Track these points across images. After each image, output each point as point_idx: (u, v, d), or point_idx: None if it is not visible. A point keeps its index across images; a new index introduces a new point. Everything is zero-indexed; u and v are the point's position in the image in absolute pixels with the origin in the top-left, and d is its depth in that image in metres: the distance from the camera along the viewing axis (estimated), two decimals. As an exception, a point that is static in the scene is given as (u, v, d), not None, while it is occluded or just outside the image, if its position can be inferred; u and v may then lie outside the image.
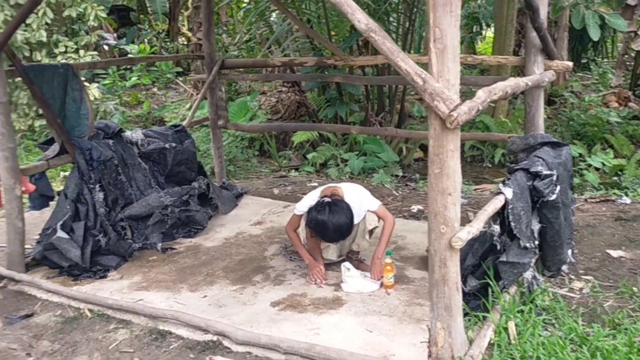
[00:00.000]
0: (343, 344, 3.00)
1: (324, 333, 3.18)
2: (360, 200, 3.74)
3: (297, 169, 7.18)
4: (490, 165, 7.81)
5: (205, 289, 3.80)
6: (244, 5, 11.13)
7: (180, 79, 10.59)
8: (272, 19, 9.11)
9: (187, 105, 8.73)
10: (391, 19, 7.69)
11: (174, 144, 5.04)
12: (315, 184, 6.41)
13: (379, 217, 3.77)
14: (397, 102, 7.94)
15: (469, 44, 13.19)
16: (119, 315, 3.49)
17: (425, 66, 2.52)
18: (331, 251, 3.93)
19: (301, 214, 3.86)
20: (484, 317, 3.10)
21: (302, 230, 3.93)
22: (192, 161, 5.22)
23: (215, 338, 3.18)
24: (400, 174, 6.82)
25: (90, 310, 3.57)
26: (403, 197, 5.82)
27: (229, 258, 4.31)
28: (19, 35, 7.01)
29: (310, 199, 3.80)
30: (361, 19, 2.47)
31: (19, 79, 4.83)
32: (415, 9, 7.41)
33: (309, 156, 7.15)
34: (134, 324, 3.41)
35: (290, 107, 8.62)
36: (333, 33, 7.51)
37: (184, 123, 5.47)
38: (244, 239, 4.68)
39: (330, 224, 3.48)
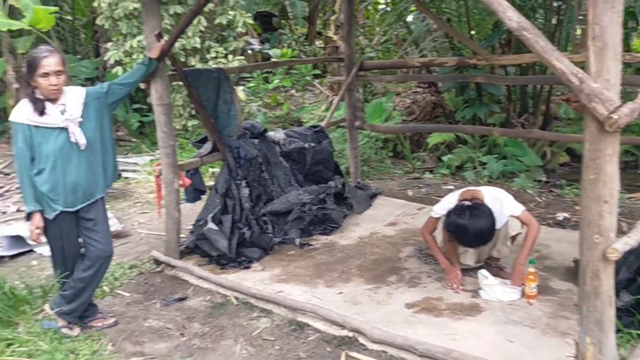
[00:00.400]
0: (481, 352, 2.92)
1: (460, 339, 3.11)
2: (502, 204, 3.60)
3: (431, 171, 7.08)
4: (646, 172, 7.09)
5: (340, 286, 3.89)
6: (381, 6, 11.20)
7: (317, 81, 10.92)
8: (409, 19, 9.07)
9: (323, 107, 8.98)
10: (537, 15, 7.28)
11: (313, 144, 5.23)
12: (451, 187, 6.27)
13: (523, 223, 3.60)
14: (542, 103, 7.50)
15: (623, 40, 12.10)
16: (261, 305, 3.70)
17: (577, 65, 2.37)
18: (469, 256, 3.83)
19: (438, 217, 3.80)
20: (638, 335, 2.85)
21: (439, 234, 3.87)
22: (329, 161, 5.37)
23: (351, 334, 3.25)
24: (544, 179, 6.43)
25: (236, 298, 3.82)
26: (547, 204, 5.50)
27: (363, 257, 4.37)
28: (177, 42, 7.67)
29: (448, 202, 3.74)
30: (513, 17, 2.37)
31: (177, 82, 5.30)
32: (564, 5, 6.95)
33: (445, 158, 7.01)
34: (274, 314, 3.59)
35: (425, 108, 8.51)
36: (473, 32, 7.30)
37: (322, 124, 5.64)
38: (378, 239, 4.72)
39: (471, 228, 3.39)
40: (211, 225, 4.32)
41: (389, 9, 9.02)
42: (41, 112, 3.10)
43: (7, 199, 6.54)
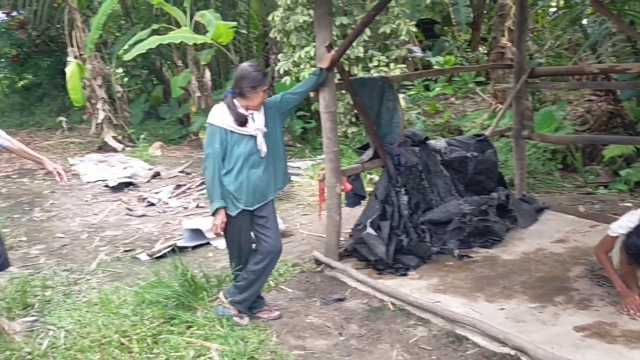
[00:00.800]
0: (666, 390, 2.62)
1: (640, 371, 2.82)
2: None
3: (606, 187, 6.48)
4: None
5: (502, 302, 3.73)
6: (552, 9, 10.54)
7: (480, 88, 10.58)
8: (584, 22, 8.42)
9: (485, 115, 8.67)
10: None
11: (475, 153, 5.08)
12: (629, 205, 5.70)
13: None
14: None
15: None
16: (418, 313, 3.69)
17: None
18: (652, 282, 3.45)
19: (616, 236, 3.49)
20: None
21: (616, 254, 3.55)
22: (493, 171, 5.19)
23: (513, 352, 3.12)
24: None
25: (393, 304, 3.85)
26: None
27: (527, 273, 4.15)
28: (342, 52, 7.95)
29: (628, 220, 3.41)
30: None
31: (340, 91, 5.48)
32: None
33: (622, 173, 6.38)
34: (432, 324, 3.56)
35: (600, 118, 7.81)
36: (663, 34, 6.55)
37: (487, 132, 5.46)
38: (544, 256, 4.45)
39: None
40: (370, 230, 4.41)
41: (561, 12, 8.45)
42: (242, 123, 3.49)
43: (189, 195, 7.28)
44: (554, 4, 11.61)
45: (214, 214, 3.52)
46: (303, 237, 5.45)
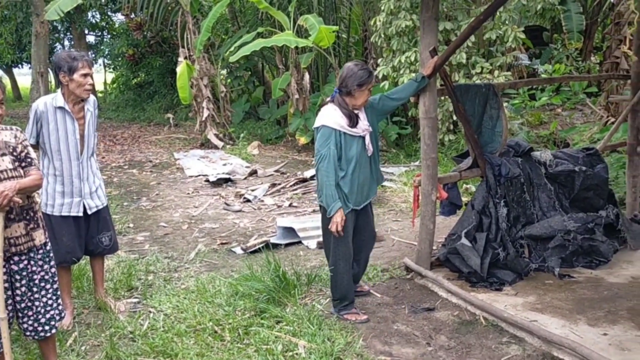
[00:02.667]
0: None
1: None
2: None
3: None
4: None
5: (605, 327, 3.49)
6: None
7: (590, 100, 9.97)
8: None
9: (595, 128, 8.15)
10: None
11: (584, 168, 4.78)
12: None
13: None
14: None
15: None
16: (512, 331, 3.52)
17: None
18: None
19: None
20: None
21: None
22: (603, 188, 4.86)
23: (616, 383, 2.89)
24: None
25: (485, 319, 3.71)
26: None
27: (636, 299, 3.85)
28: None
29: None
30: None
31: (441, 97, 5.37)
32: None
33: None
34: (526, 343, 3.39)
35: None
36: None
37: (598, 147, 5.13)
38: (656, 282, 4.11)
39: None
40: (464, 241, 4.28)
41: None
42: (354, 124, 3.59)
43: (283, 194, 7.45)
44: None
45: (333, 214, 3.54)
46: (394, 243, 5.40)
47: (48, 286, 2.99)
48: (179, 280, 4.63)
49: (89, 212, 3.81)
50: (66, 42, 22.69)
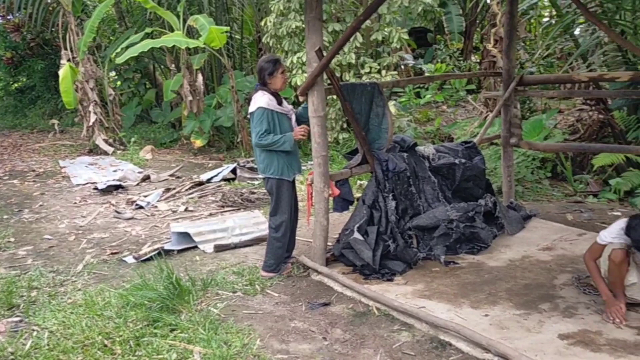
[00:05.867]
0: (647, 397, 2.62)
1: (622, 379, 2.82)
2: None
3: (595, 196, 6.52)
4: None
5: (486, 308, 3.73)
6: (545, 19, 10.61)
7: (471, 96, 10.63)
8: (576, 32, 8.48)
9: (476, 123, 8.70)
10: None
11: (463, 160, 5.09)
12: (618, 214, 5.73)
13: None
14: None
15: None
16: (403, 318, 3.68)
17: None
18: (636, 290, 3.46)
19: (604, 244, 3.49)
20: None
21: (604, 262, 3.55)
22: (481, 178, 5.19)
23: (495, 359, 3.10)
24: None
25: (378, 309, 3.84)
26: None
27: (513, 281, 4.15)
28: (333, 58, 7.97)
29: (619, 227, 3.41)
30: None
31: (332, 96, 5.49)
32: None
33: (612, 182, 6.41)
34: (416, 329, 3.55)
35: (591, 127, 7.86)
36: (652, 45, 6.61)
37: (475, 140, 5.48)
38: (530, 263, 4.45)
39: None
40: (357, 235, 4.40)
41: (553, 21, 8.51)
42: (280, 102, 4.33)
43: (178, 199, 7.25)
44: (546, 13, 11.71)
45: (292, 138, 4.26)
46: (291, 242, 5.43)
47: None
48: (65, 294, 4.36)
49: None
50: None
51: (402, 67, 11.84)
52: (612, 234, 3.42)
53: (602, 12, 6.74)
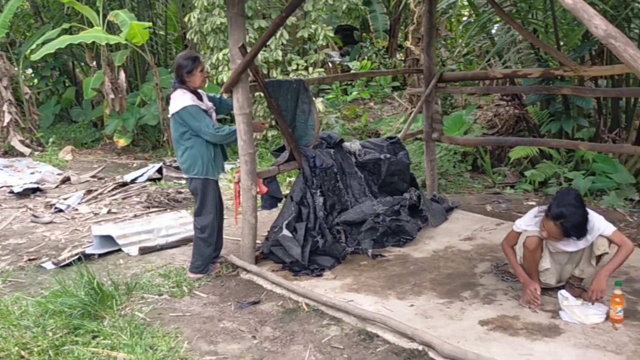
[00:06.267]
0: (559, 375, 2.78)
1: (536, 360, 2.98)
2: (591, 223, 3.40)
3: (512, 187, 6.84)
4: None
5: (412, 299, 3.83)
6: (464, 18, 11.02)
7: (396, 93, 10.88)
8: (493, 31, 8.84)
9: (402, 119, 8.92)
10: (633, 25, 6.89)
11: (388, 155, 5.20)
12: (533, 203, 6.03)
13: (613, 243, 3.40)
14: (636, 118, 7.06)
15: None
16: (332, 313, 3.71)
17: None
18: (550, 275, 3.66)
19: (520, 232, 3.67)
20: None
21: (520, 249, 3.73)
22: (405, 173, 5.33)
23: (420, 348, 3.20)
24: (637, 197, 6.04)
25: (307, 305, 3.86)
26: (639, 224, 5.16)
27: (437, 271, 4.29)
28: (260, 55, 7.93)
29: (533, 215, 3.60)
30: (599, 25, 2.28)
31: (260, 93, 5.47)
32: (663, 14, 6.54)
33: (527, 173, 6.75)
34: (344, 322, 3.60)
35: (508, 122, 8.25)
36: (562, 43, 7.00)
37: (399, 135, 5.61)
38: (452, 253, 4.62)
39: (578, 210, 3.32)
40: (285, 232, 4.41)
41: (472, 20, 8.85)
42: (200, 97, 4.24)
43: (100, 201, 6.98)
44: (466, 12, 12.15)
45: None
46: (220, 241, 5.36)
47: None
48: (-24, 306, 4.10)
49: None
50: None
51: (330, 64, 11.96)
52: (527, 222, 3.60)
53: (516, 11, 7.06)
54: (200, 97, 4.27)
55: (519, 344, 3.17)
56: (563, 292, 3.48)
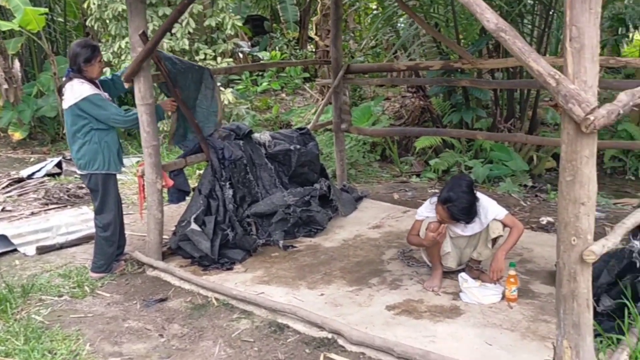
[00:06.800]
0: (459, 355, 2.92)
1: (439, 341, 3.11)
2: (485, 208, 3.59)
3: (418, 175, 7.09)
4: (633, 178, 7.13)
5: (322, 288, 3.88)
6: (372, 11, 11.23)
7: (307, 84, 10.93)
8: (399, 24, 9.09)
9: (313, 110, 8.98)
10: (525, 21, 7.33)
11: (298, 146, 5.22)
12: (436, 191, 6.27)
13: (506, 226, 3.61)
14: (529, 109, 7.54)
15: (613, 47, 12.14)
16: (242, 306, 3.67)
17: (562, 68, 2.38)
18: (451, 259, 3.83)
19: (422, 219, 3.81)
20: (619, 340, 2.85)
21: (422, 235, 3.86)
22: (315, 163, 5.36)
23: (330, 336, 3.24)
24: (530, 183, 6.46)
25: (217, 299, 3.80)
26: (531, 208, 5.52)
27: (346, 259, 4.37)
28: (165, 44, 7.66)
29: (430, 202, 3.75)
30: (490, 19, 2.37)
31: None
32: (552, 11, 7.00)
33: (432, 162, 7.03)
34: (255, 315, 3.57)
35: (414, 113, 8.54)
36: (461, 37, 7.33)
37: (309, 126, 5.64)
38: (362, 242, 4.72)
39: (464, 196, 3.48)
40: (194, 226, 4.31)
41: (379, 12, 9.04)
42: (98, 87, 4.03)
43: (-9, 199, 6.48)
44: (374, 5, 12.39)
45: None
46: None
47: None
48: None
49: None
50: None
51: (240, 54, 11.79)
52: (427, 209, 3.75)
53: (419, 5, 7.30)
54: (98, 87, 4.08)
55: (423, 326, 3.30)
56: (463, 274, 3.65)
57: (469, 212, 3.51)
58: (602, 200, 5.57)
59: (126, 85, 4.22)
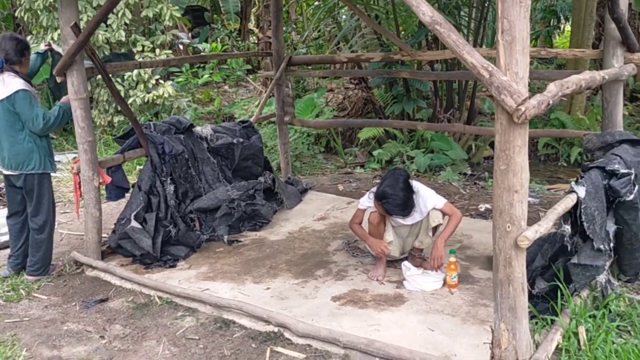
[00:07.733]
0: (403, 342, 2.97)
1: (384, 329, 3.16)
2: (424, 198, 3.67)
3: (362, 166, 7.17)
4: (565, 165, 7.47)
5: (268, 282, 3.86)
6: (313, 3, 11.22)
7: (250, 76, 10.82)
8: (341, 16, 9.13)
9: (256, 102, 8.91)
10: (462, 13, 7.51)
11: (241, 139, 5.16)
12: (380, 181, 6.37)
13: (445, 214, 3.70)
14: (467, 99, 7.75)
15: (545, 38, 12.66)
16: (186, 304, 3.62)
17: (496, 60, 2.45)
18: (394, 248, 3.89)
19: (364, 209, 3.86)
20: (552, 321, 2.98)
21: (366, 225, 3.91)
22: (259, 156, 5.32)
23: (276, 329, 3.24)
24: (469, 172, 6.65)
25: (160, 298, 3.72)
26: (470, 196, 5.68)
27: (292, 252, 4.37)
28: (100, 35, 7.40)
29: (369, 197, 3.80)
30: (426, 12, 2.42)
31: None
32: (487, 3, 7.20)
33: (375, 153, 7.12)
34: (200, 312, 3.53)
35: (357, 104, 8.61)
36: (401, 29, 7.43)
37: (252, 119, 5.59)
38: (307, 234, 4.73)
39: (399, 191, 3.51)
40: (134, 223, 4.19)
41: (320, 4, 9.05)
42: (30, 84, 3.94)
43: None
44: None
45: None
46: (62, 238, 4.96)
47: None
48: None
49: None
50: None
51: (180, 46, 11.53)
52: (368, 199, 3.80)
53: (360, -3, 7.34)
54: (30, 84, 3.95)
55: (368, 315, 3.34)
56: (406, 263, 3.73)
57: (404, 208, 3.57)
58: (536, 186, 5.80)
59: (59, 79, 4.03)
